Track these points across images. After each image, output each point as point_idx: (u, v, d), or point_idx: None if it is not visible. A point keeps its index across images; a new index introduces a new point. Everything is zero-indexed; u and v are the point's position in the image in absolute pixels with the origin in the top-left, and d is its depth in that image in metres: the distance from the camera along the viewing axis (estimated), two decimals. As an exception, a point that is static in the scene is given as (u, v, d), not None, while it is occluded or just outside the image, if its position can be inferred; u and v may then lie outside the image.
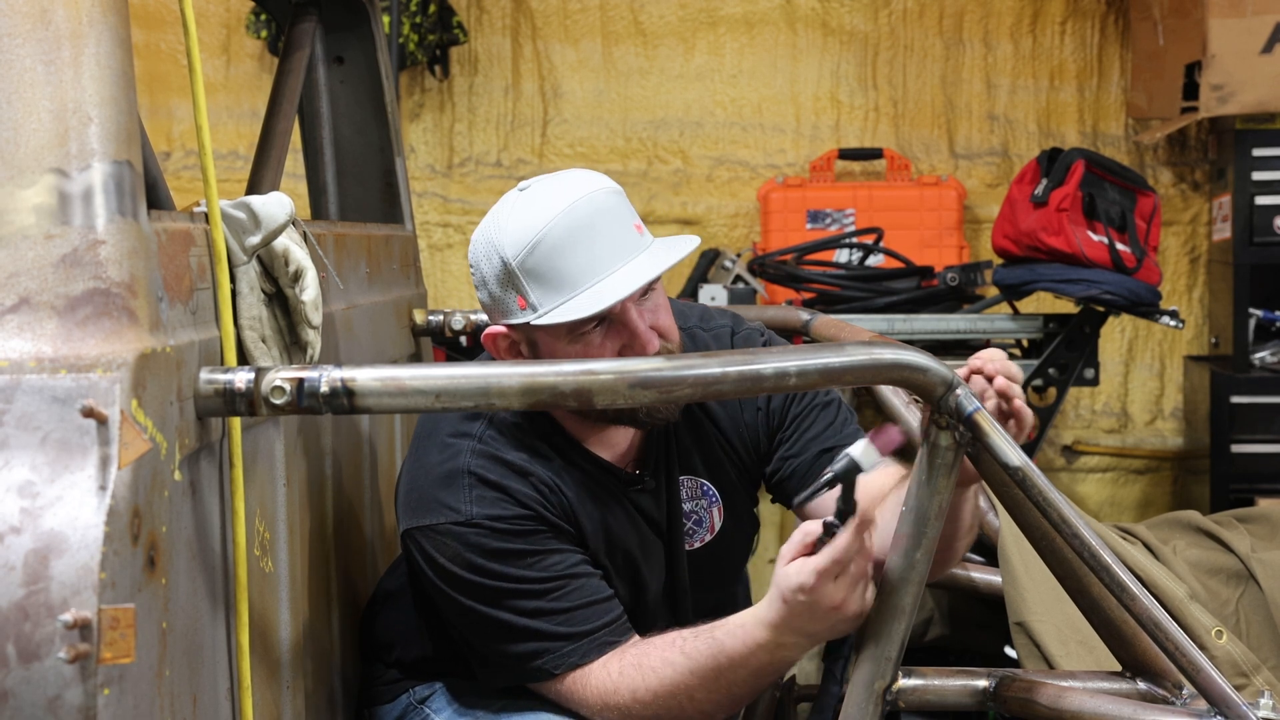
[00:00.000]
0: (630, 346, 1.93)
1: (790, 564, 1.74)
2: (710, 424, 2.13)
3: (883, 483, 1.93)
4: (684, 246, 1.95)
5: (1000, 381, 1.75)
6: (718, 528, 2.16)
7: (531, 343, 1.98)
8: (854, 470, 1.67)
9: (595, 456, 2.05)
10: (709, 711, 1.90)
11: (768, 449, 2.14)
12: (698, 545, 2.16)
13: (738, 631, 1.83)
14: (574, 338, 1.94)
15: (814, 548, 1.73)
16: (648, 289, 1.95)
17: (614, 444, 2.08)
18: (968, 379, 1.76)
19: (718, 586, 2.20)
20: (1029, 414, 1.77)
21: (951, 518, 1.87)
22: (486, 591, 1.94)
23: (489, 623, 1.95)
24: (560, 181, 1.96)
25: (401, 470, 2.08)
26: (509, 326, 1.98)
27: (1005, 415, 1.76)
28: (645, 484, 2.09)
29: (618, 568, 2.06)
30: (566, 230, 1.90)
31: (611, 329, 1.94)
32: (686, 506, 2.13)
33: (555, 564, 1.95)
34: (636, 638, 1.96)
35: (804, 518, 2.13)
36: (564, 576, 1.95)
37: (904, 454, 1.77)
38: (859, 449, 1.67)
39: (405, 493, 2.02)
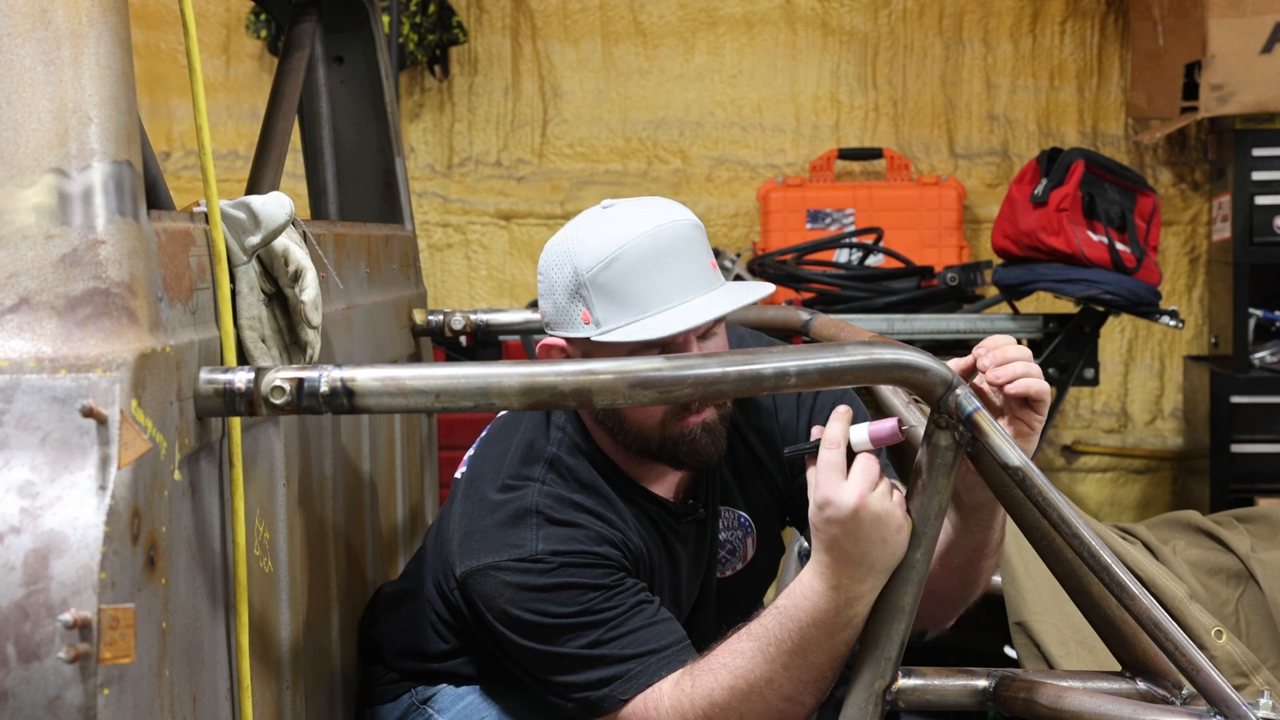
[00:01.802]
0: None
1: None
2: (748, 453, 2.12)
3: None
4: (755, 292, 1.94)
5: (991, 374, 1.75)
6: (750, 557, 2.16)
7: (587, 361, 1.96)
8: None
9: (650, 493, 2.04)
10: (793, 694, 1.79)
11: (796, 476, 2.13)
12: (729, 574, 2.15)
13: (796, 590, 1.77)
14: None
15: None
16: (710, 330, 1.94)
17: (666, 478, 2.07)
18: (970, 371, 1.77)
19: (742, 614, 2.19)
20: (1034, 387, 1.74)
21: (984, 525, 1.85)
22: (549, 629, 1.89)
23: (554, 659, 1.89)
24: (646, 205, 1.96)
25: (450, 517, 2.04)
26: (567, 340, 1.95)
27: (1017, 403, 1.76)
28: (697, 515, 2.08)
29: (663, 599, 2.03)
30: (645, 252, 1.89)
31: None
32: (723, 536, 2.13)
33: (618, 595, 1.91)
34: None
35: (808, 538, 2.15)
36: (628, 607, 1.90)
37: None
38: (857, 428, 1.69)
39: (463, 536, 1.96)
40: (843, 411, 1.72)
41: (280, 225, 1.65)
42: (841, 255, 4.13)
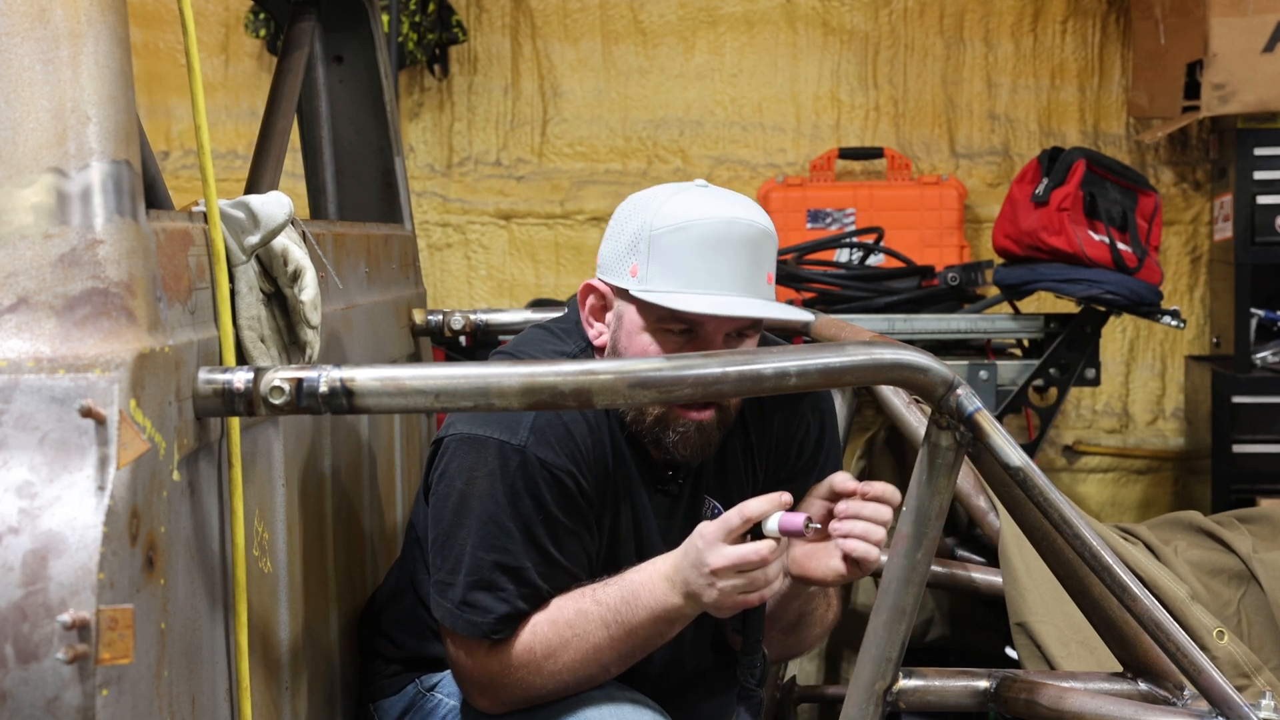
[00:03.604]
0: None
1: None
2: (745, 454, 2.14)
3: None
4: (795, 315, 2.02)
5: (833, 526, 1.92)
6: None
7: (618, 312, 2.02)
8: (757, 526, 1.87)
9: (642, 447, 2.07)
10: (608, 664, 1.95)
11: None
12: None
13: (651, 575, 1.91)
14: (655, 331, 1.97)
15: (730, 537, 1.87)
16: (742, 335, 1.99)
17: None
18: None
19: None
20: (858, 550, 1.91)
21: (797, 610, 2.07)
22: (485, 529, 1.94)
23: (465, 552, 1.96)
24: (734, 198, 2.02)
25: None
26: (610, 285, 2.02)
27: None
28: (670, 489, 2.08)
29: (612, 555, 2.06)
30: (714, 235, 1.94)
31: (691, 344, 1.97)
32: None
33: (560, 542, 1.96)
34: None
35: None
36: (557, 562, 1.96)
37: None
38: (773, 517, 1.85)
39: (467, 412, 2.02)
40: (777, 498, 1.85)
41: (279, 225, 1.65)
42: (842, 255, 4.12)
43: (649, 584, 1.91)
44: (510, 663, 1.95)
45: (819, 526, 1.87)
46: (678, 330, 1.96)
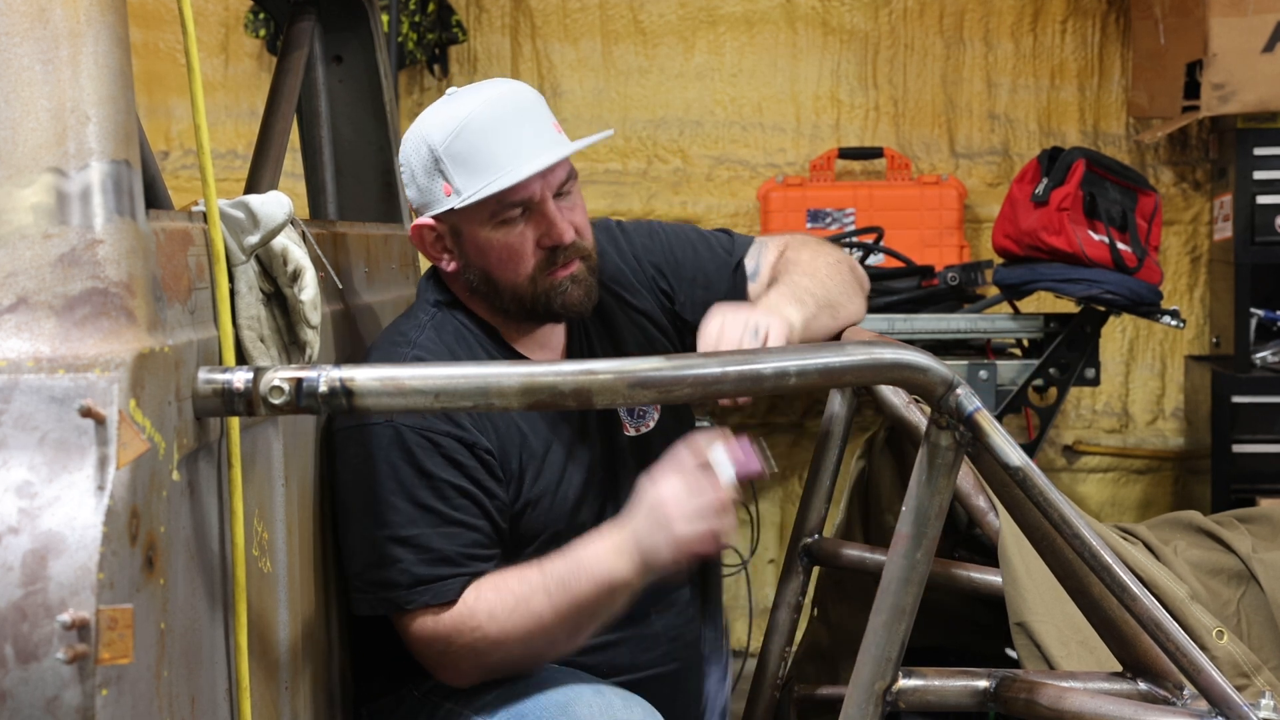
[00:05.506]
0: (548, 235, 2.07)
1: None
2: (628, 311, 2.24)
3: None
4: (596, 136, 2.14)
5: None
6: (659, 412, 2.24)
7: (456, 233, 2.10)
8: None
9: (527, 359, 2.15)
10: (554, 640, 1.97)
11: (674, 310, 2.28)
12: (642, 431, 2.22)
13: (598, 544, 1.95)
14: (496, 224, 2.06)
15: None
16: (564, 187, 2.09)
17: (547, 345, 2.20)
18: None
19: None
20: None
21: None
22: (373, 511, 1.99)
23: (360, 538, 2.01)
24: (485, 82, 2.14)
25: None
26: (435, 218, 2.09)
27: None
28: None
29: (550, 467, 2.11)
30: (490, 117, 2.04)
31: (531, 218, 2.06)
32: None
33: (451, 501, 2.00)
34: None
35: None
36: (453, 519, 2.00)
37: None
38: (719, 452, 1.90)
39: None
40: (719, 432, 1.93)
41: (279, 225, 1.65)
42: (842, 255, 4.12)
43: (595, 554, 1.95)
44: (458, 626, 1.98)
45: (775, 470, 1.93)
46: (515, 215, 2.05)
